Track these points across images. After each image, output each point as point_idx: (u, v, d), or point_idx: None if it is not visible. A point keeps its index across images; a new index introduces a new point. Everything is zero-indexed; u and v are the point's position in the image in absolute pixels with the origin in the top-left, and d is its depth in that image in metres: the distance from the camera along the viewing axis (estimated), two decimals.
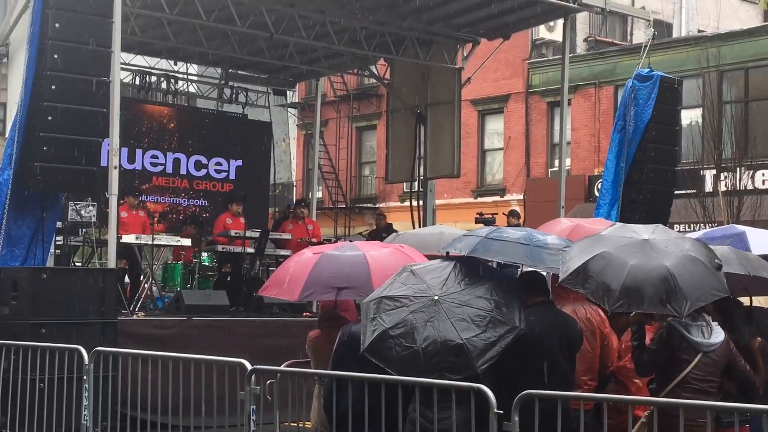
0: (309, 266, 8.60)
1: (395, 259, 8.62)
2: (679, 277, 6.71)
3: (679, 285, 6.65)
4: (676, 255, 6.96)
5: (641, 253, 6.95)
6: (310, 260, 8.71)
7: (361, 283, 8.29)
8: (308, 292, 8.54)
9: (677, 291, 6.64)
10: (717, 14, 32.71)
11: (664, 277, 6.74)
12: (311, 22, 19.24)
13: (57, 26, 12.22)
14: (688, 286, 6.71)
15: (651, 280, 6.75)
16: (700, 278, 6.88)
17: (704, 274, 6.97)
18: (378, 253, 8.78)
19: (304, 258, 8.91)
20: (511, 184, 30.67)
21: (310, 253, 8.98)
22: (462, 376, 6.80)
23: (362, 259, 8.51)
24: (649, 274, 6.77)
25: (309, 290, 8.51)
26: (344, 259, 8.61)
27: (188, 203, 22.80)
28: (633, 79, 16.70)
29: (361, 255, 8.60)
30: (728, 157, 23.47)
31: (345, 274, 8.41)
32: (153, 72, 23.12)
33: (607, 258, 6.97)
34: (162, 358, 9.29)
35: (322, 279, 8.47)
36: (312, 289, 8.50)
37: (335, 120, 34.54)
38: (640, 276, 6.77)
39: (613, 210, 16.27)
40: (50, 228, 13.10)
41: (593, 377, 7.77)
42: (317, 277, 8.48)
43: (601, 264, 6.95)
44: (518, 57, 30.03)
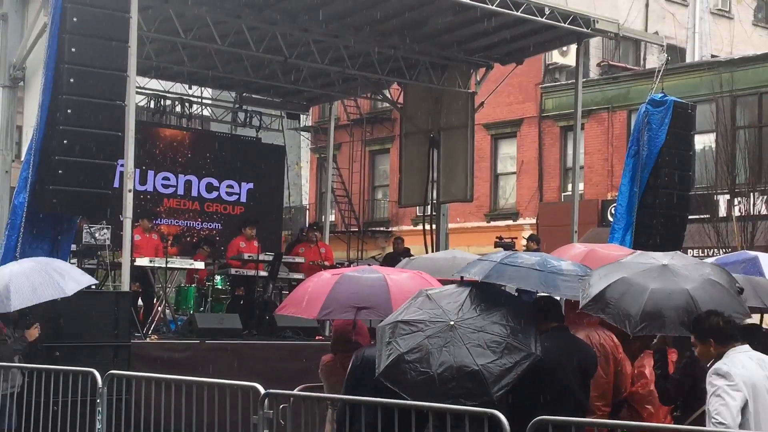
0: (329, 286, 8.64)
1: (415, 283, 8.64)
2: (700, 300, 6.72)
3: (700, 308, 6.64)
4: (696, 279, 6.97)
5: (661, 277, 6.97)
6: (330, 281, 8.74)
7: (380, 304, 8.31)
8: (327, 311, 8.56)
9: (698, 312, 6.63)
10: (730, 39, 32.72)
11: (684, 300, 6.75)
12: (325, 47, 19.34)
13: (73, 50, 12.30)
14: (710, 308, 6.70)
15: (672, 303, 6.76)
16: (720, 301, 6.88)
17: (725, 296, 6.98)
18: (398, 277, 8.83)
19: (323, 278, 8.94)
20: (524, 208, 30.64)
21: (329, 275, 9.02)
22: (477, 402, 6.78)
23: (382, 281, 8.54)
24: (669, 298, 6.78)
25: (328, 309, 8.53)
26: (364, 280, 8.65)
27: (202, 226, 22.85)
28: (646, 104, 16.71)
29: (381, 277, 8.63)
30: (742, 182, 23.42)
31: (365, 294, 8.45)
32: (168, 96, 23.23)
33: (626, 283, 7.00)
34: (175, 382, 9.30)
35: (341, 299, 8.50)
36: (331, 308, 8.52)
37: (348, 143, 34.59)
38: (661, 299, 6.79)
39: (628, 235, 16.24)
40: (65, 251, 13.13)
41: (607, 403, 7.75)
42: (337, 297, 8.52)
43: (621, 289, 6.98)
44: (531, 81, 30.07)
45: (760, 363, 6.38)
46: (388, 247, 30.53)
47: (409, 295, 8.01)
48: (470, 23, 18.72)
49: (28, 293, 10.61)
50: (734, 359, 6.33)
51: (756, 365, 6.34)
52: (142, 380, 9.95)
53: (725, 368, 6.27)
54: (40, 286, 10.71)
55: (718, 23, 32.73)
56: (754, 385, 6.21)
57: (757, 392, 6.19)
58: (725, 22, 33.62)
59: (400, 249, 21.08)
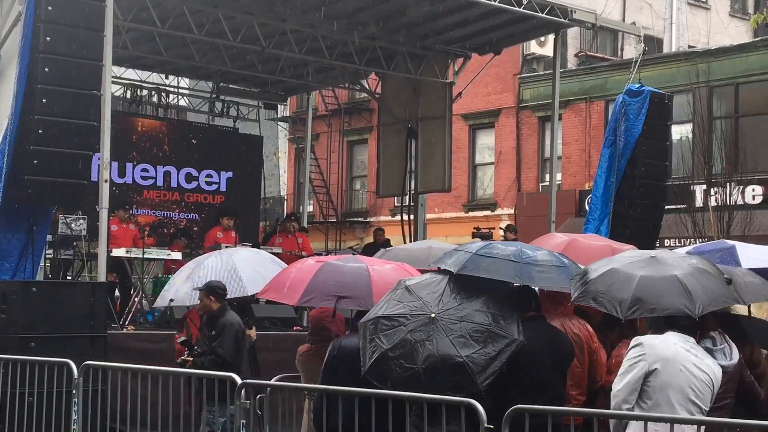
0: (311, 273, 8.62)
1: (398, 275, 8.61)
2: (690, 285, 6.81)
3: (690, 290, 6.73)
4: (684, 267, 7.09)
5: (649, 267, 7.08)
6: (313, 267, 8.73)
7: (361, 294, 8.31)
8: (308, 298, 8.55)
9: (689, 295, 6.72)
10: (707, 30, 32.87)
11: (674, 284, 6.84)
12: (302, 36, 19.29)
13: (48, 40, 12.21)
14: (699, 291, 6.80)
15: (661, 286, 6.85)
16: (710, 286, 7.00)
17: (714, 282, 7.11)
18: (381, 268, 8.83)
19: (306, 265, 8.93)
20: (501, 198, 30.69)
21: (313, 261, 9.00)
22: (465, 394, 6.79)
23: (365, 271, 8.54)
24: (659, 283, 6.90)
25: (309, 296, 8.52)
26: (347, 269, 8.64)
27: (179, 216, 22.77)
28: (623, 95, 16.76)
29: (363, 267, 8.63)
30: (718, 173, 23.51)
31: (346, 283, 8.44)
32: (144, 85, 23.13)
33: (615, 273, 7.12)
34: (152, 372, 9.28)
35: (323, 286, 8.49)
36: (312, 295, 8.51)
37: (326, 134, 34.54)
38: (650, 284, 6.90)
39: (603, 225, 16.29)
40: (40, 241, 13.06)
41: (582, 392, 7.77)
42: (318, 284, 8.50)
43: (610, 279, 7.08)
44: (509, 72, 30.09)
45: (689, 348, 6.56)
46: (366, 237, 30.54)
47: (390, 286, 8.01)
48: (448, 13, 18.71)
49: (259, 281, 10.78)
50: (662, 335, 6.62)
51: (680, 347, 6.52)
52: (119, 371, 9.92)
53: (639, 339, 6.64)
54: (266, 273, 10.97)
55: (695, 14, 32.85)
56: (667, 359, 6.45)
57: (669, 365, 6.43)
58: (702, 13, 33.74)
59: (381, 240, 21.09)
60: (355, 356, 7.28)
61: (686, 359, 6.50)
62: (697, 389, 6.47)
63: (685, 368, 6.47)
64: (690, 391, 6.45)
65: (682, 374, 6.44)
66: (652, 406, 6.43)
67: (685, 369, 6.46)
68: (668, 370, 6.45)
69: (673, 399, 6.43)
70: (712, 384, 6.57)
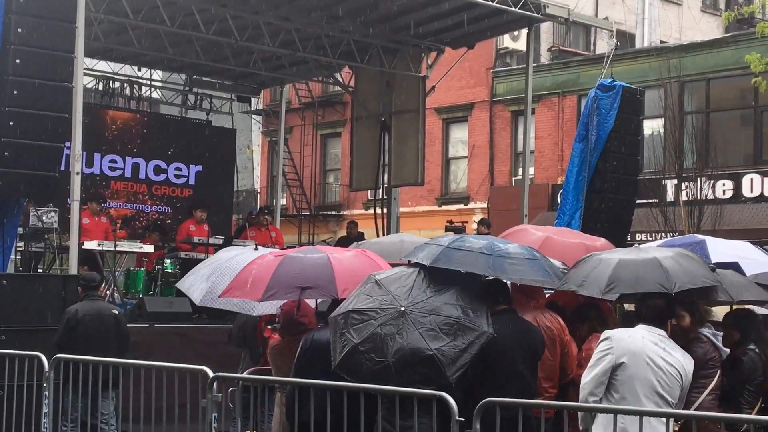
0: (272, 268, 8.61)
1: (358, 261, 8.66)
2: (669, 266, 6.93)
3: (668, 270, 6.84)
4: (665, 252, 7.21)
5: (632, 253, 7.25)
6: (273, 262, 8.72)
7: (324, 283, 8.31)
8: (271, 292, 8.53)
9: (666, 274, 6.82)
10: (679, 25, 33.04)
11: (653, 264, 7.00)
12: (276, 29, 19.25)
13: (19, 31, 12.12)
14: (678, 272, 6.91)
15: (640, 266, 7.01)
16: (689, 267, 7.12)
17: (695, 265, 7.29)
18: (341, 256, 8.83)
19: (266, 261, 8.91)
20: (475, 192, 30.75)
21: (272, 256, 8.99)
22: (435, 386, 6.81)
23: (326, 261, 8.53)
24: (638, 263, 7.08)
25: (272, 290, 8.50)
26: (307, 260, 8.63)
27: (151, 209, 22.69)
28: (596, 89, 16.81)
29: (324, 257, 8.62)
30: (689, 167, 23.65)
31: (308, 274, 8.43)
32: (116, 78, 23.02)
33: (597, 259, 7.30)
34: (123, 365, 9.24)
35: (285, 279, 8.48)
36: (275, 290, 8.49)
37: (300, 127, 34.49)
38: (629, 265, 7.08)
39: (574, 219, 16.34)
40: (11, 234, 12.98)
41: (553, 385, 7.83)
42: (280, 278, 8.49)
43: (591, 265, 7.30)
44: (483, 66, 30.14)
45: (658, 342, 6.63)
46: (339, 230, 30.52)
47: (353, 273, 8.03)
48: (421, 7, 18.74)
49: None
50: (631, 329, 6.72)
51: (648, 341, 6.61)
52: (90, 363, 9.87)
53: (608, 333, 6.75)
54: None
55: (667, 9, 33.01)
56: (633, 352, 6.55)
57: (635, 359, 6.53)
58: (674, 8, 33.92)
59: (354, 233, 21.06)
60: (326, 350, 7.30)
61: (654, 352, 6.56)
62: (664, 382, 6.54)
63: (651, 361, 6.53)
64: (657, 383, 6.52)
65: (648, 367, 6.51)
66: (619, 399, 6.50)
67: (651, 362, 6.53)
68: (635, 364, 6.53)
69: (639, 392, 6.50)
70: (680, 377, 6.63)
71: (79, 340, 10.68)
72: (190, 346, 14.02)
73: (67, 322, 10.82)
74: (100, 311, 11.19)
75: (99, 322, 11.03)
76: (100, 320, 11.05)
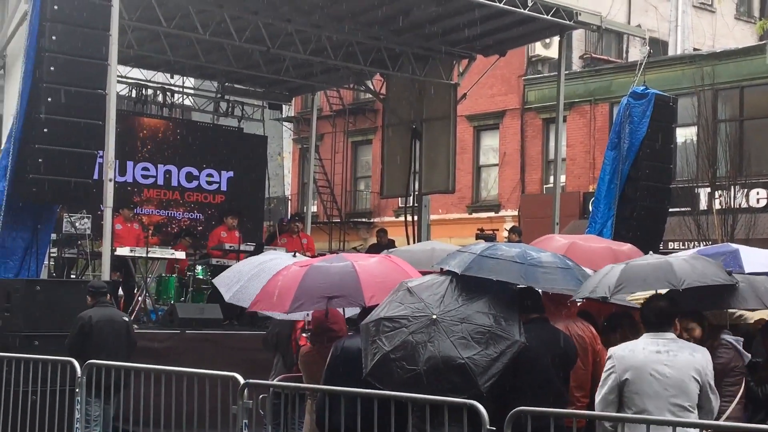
0: (298, 279, 8.60)
1: (384, 267, 8.64)
2: (678, 265, 6.88)
3: (676, 269, 6.80)
4: (680, 256, 7.15)
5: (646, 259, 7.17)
6: (299, 273, 8.71)
7: (351, 292, 8.29)
8: (298, 304, 8.53)
9: (674, 272, 6.76)
10: (712, 33, 32.81)
11: (662, 265, 6.93)
12: (307, 37, 19.30)
13: (54, 38, 12.24)
14: (687, 270, 6.87)
15: (649, 267, 6.98)
16: (701, 268, 7.10)
17: (707, 265, 7.29)
18: (366, 263, 8.80)
19: (291, 271, 8.90)
20: (506, 200, 30.67)
21: (298, 267, 8.97)
22: (466, 395, 6.78)
23: (351, 269, 8.51)
24: (648, 266, 7.06)
25: (299, 302, 8.50)
26: (333, 269, 8.62)
27: (183, 216, 22.79)
28: (628, 97, 16.75)
29: (349, 265, 8.60)
30: (723, 176, 23.47)
31: (334, 283, 8.42)
32: (149, 85, 23.15)
33: (609, 266, 7.41)
34: (155, 371, 9.28)
35: (311, 290, 8.47)
36: (302, 300, 8.49)
37: (331, 134, 34.54)
38: (639, 268, 7.05)
39: (606, 228, 16.27)
40: (44, 240, 13.08)
41: (585, 394, 7.77)
42: (307, 289, 8.48)
43: (604, 272, 7.33)
44: (514, 73, 30.07)
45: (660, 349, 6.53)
46: (370, 238, 30.53)
47: (378, 280, 8.01)
48: (453, 14, 18.72)
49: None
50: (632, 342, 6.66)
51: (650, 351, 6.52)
52: (122, 370, 9.92)
53: (611, 351, 6.72)
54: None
55: (700, 17, 32.81)
56: (636, 367, 6.49)
57: (639, 373, 6.47)
58: (707, 16, 33.70)
59: (384, 241, 21.03)
60: (357, 357, 7.29)
61: (657, 362, 6.49)
62: (673, 389, 6.44)
63: (656, 371, 6.46)
64: (666, 393, 6.43)
65: (653, 379, 6.44)
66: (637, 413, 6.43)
67: (656, 373, 6.46)
68: (639, 378, 6.49)
69: (649, 405, 6.43)
70: (692, 378, 6.49)
71: (91, 345, 10.76)
72: (220, 353, 14.04)
73: (81, 328, 10.93)
74: (113, 317, 11.30)
75: (111, 328, 11.12)
76: (112, 326, 11.15)
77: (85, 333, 10.89)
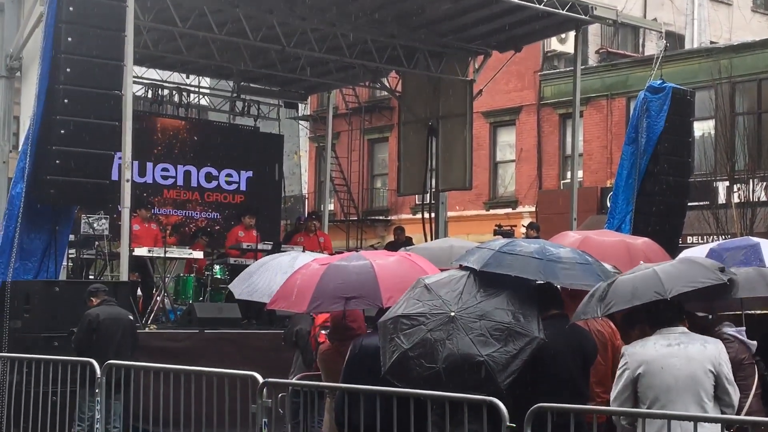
0: (316, 278, 8.57)
1: (403, 267, 8.61)
2: (665, 273, 6.81)
3: (663, 278, 6.74)
4: (669, 262, 7.11)
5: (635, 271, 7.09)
6: (317, 272, 8.68)
7: (369, 292, 8.26)
8: (316, 304, 8.51)
9: (661, 281, 6.70)
10: (729, 26, 32.65)
11: (649, 276, 6.88)
12: (323, 35, 19.30)
13: (70, 40, 12.27)
14: (674, 277, 6.79)
15: (637, 280, 6.90)
16: (690, 271, 6.99)
17: (695, 267, 7.16)
18: (385, 262, 8.75)
19: (310, 270, 8.88)
20: (523, 196, 30.61)
21: (317, 265, 8.94)
22: (485, 393, 6.76)
23: (369, 269, 8.47)
24: (635, 278, 6.96)
25: (317, 302, 8.48)
26: (351, 269, 8.58)
27: (200, 216, 22.83)
28: (645, 91, 16.67)
29: (367, 264, 8.56)
30: (741, 169, 23.38)
31: (352, 283, 8.38)
32: (165, 85, 23.19)
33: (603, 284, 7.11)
34: (174, 371, 9.29)
35: (329, 290, 8.44)
36: (320, 301, 8.47)
37: (347, 132, 34.54)
38: (627, 282, 6.95)
39: (625, 223, 16.21)
40: (63, 241, 13.13)
41: (605, 390, 7.72)
42: (325, 288, 8.46)
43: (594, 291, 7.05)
44: (530, 69, 30.00)
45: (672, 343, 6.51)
46: (387, 235, 30.51)
47: (397, 279, 7.97)
48: (468, 10, 18.70)
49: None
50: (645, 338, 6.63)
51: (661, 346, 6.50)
52: (141, 370, 9.94)
53: (624, 349, 6.72)
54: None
55: (717, 9, 32.64)
56: (647, 362, 6.46)
57: (651, 367, 6.45)
58: (724, 9, 33.54)
59: (402, 239, 21.03)
60: (375, 355, 7.26)
61: (669, 355, 6.45)
62: (686, 384, 6.39)
63: (668, 365, 6.42)
64: (678, 385, 6.38)
65: (665, 373, 6.40)
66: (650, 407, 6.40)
67: (668, 367, 6.41)
68: (652, 373, 6.44)
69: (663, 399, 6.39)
70: (707, 370, 6.43)
71: (98, 342, 10.86)
72: (239, 352, 14.06)
73: (88, 324, 11.05)
74: (119, 316, 11.42)
75: (117, 326, 11.26)
76: (118, 324, 11.28)
77: (92, 329, 10.98)
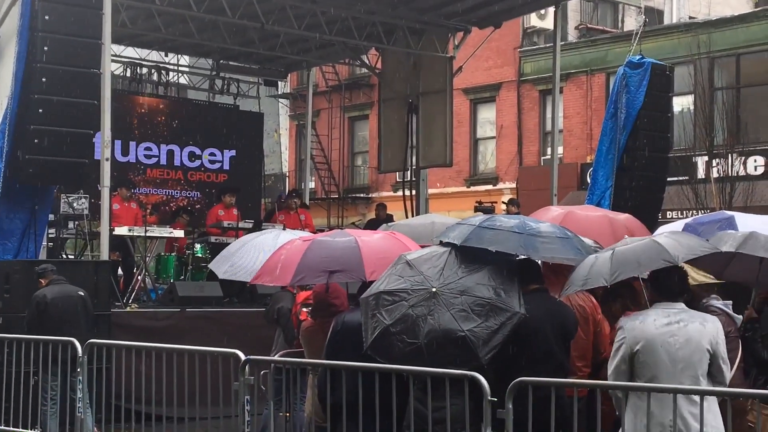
0: (300, 252, 8.62)
1: (387, 243, 8.66)
2: (665, 243, 6.89)
3: (665, 246, 6.81)
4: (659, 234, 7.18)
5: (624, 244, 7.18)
6: (302, 246, 8.73)
7: (353, 267, 8.29)
8: (300, 277, 8.54)
9: (666, 250, 6.77)
10: (708, 1, 32.68)
11: (650, 245, 6.94)
12: (302, 12, 19.22)
13: (47, 18, 12.19)
14: (675, 246, 6.86)
15: (639, 250, 6.96)
16: (686, 241, 7.14)
17: (693, 239, 7.31)
18: (369, 239, 8.82)
19: (295, 245, 8.92)
20: (503, 172, 30.66)
21: (301, 241, 9.00)
22: (467, 368, 6.79)
23: (354, 244, 8.51)
24: (635, 249, 7.03)
25: (300, 275, 8.52)
26: (335, 244, 8.63)
27: (180, 195, 22.77)
28: (624, 67, 16.69)
29: (352, 240, 8.61)
30: (720, 144, 23.45)
31: (336, 258, 8.43)
32: (144, 63, 23.07)
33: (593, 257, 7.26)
34: (156, 350, 9.30)
35: (313, 264, 8.48)
36: (303, 274, 8.50)
37: (327, 110, 34.49)
38: (628, 251, 7.03)
39: (605, 198, 16.26)
40: (42, 221, 13.09)
41: (587, 364, 7.79)
42: (309, 263, 8.50)
43: (589, 263, 7.21)
44: (510, 45, 29.99)
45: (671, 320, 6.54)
46: (368, 213, 30.54)
47: (381, 255, 8.01)
48: None
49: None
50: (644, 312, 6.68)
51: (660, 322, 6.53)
52: (123, 349, 9.94)
53: (621, 321, 6.74)
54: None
55: None
56: (646, 338, 6.50)
57: (649, 344, 6.49)
58: None
59: (383, 216, 21.06)
60: (358, 331, 7.28)
61: (667, 333, 6.49)
62: (683, 361, 6.44)
63: (666, 343, 6.46)
64: (676, 363, 6.43)
65: (663, 350, 6.44)
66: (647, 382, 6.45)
67: (666, 344, 6.46)
68: (650, 349, 6.48)
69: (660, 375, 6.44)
70: (704, 349, 6.49)
71: (49, 321, 10.83)
72: (221, 330, 14.08)
73: (36, 305, 10.98)
74: (69, 293, 11.31)
75: (68, 304, 11.17)
76: (68, 302, 11.20)
77: (41, 311, 10.92)
